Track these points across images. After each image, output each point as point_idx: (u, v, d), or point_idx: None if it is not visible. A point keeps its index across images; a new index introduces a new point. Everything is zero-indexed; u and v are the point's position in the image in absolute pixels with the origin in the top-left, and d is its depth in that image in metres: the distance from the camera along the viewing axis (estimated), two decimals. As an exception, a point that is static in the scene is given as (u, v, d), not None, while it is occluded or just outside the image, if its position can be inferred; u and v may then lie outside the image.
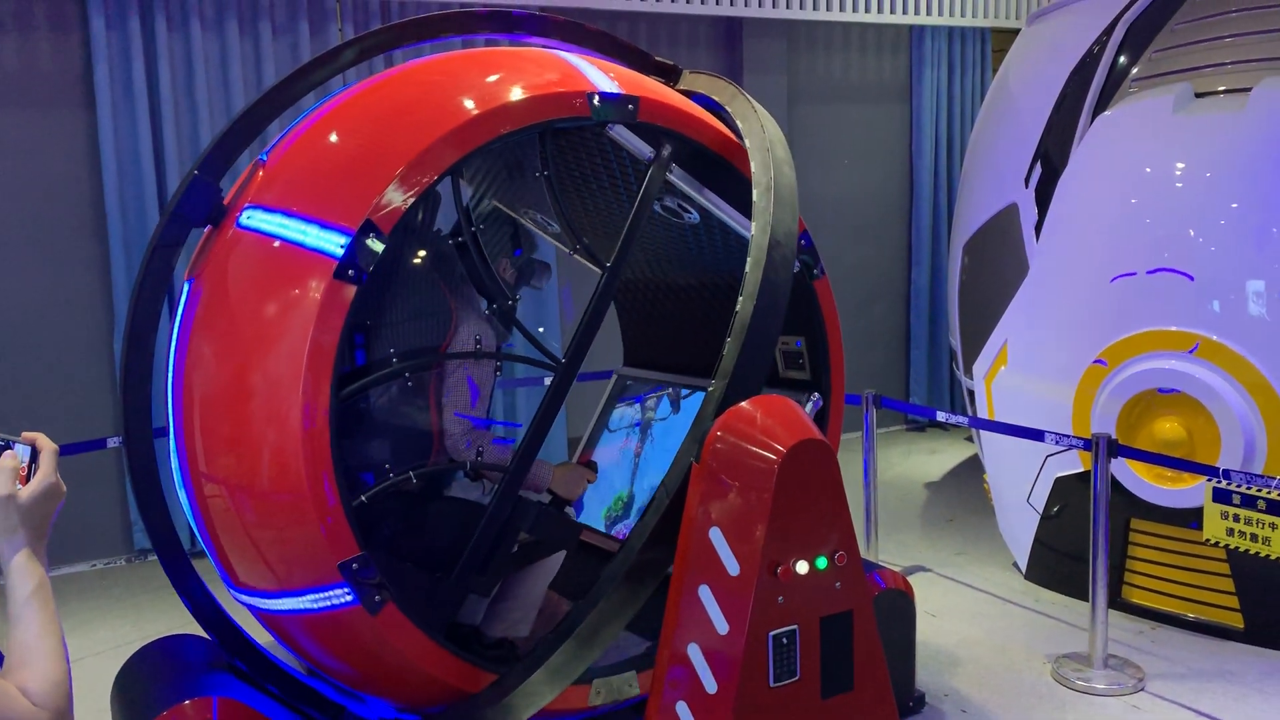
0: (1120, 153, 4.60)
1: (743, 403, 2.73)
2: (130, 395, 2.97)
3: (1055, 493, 4.91)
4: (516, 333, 3.35)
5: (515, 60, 3.19)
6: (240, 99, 5.86)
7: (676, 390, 4.27)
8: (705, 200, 3.41)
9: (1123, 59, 4.78)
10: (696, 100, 3.58)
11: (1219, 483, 3.90)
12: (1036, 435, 4.46)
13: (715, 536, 2.63)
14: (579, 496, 3.64)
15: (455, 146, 2.85)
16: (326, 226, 2.74)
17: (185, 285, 3.07)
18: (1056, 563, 5.02)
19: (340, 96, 3.18)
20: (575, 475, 3.51)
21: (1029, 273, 4.91)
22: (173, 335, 3.03)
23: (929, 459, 7.62)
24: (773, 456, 2.58)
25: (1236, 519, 3.85)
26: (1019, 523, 5.21)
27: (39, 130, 5.63)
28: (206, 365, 2.86)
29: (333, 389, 2.67)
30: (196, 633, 3.31)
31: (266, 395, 2.71)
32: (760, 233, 2.90)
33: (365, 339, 3.11)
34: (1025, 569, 5.22)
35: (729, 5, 7.13)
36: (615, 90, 3.13)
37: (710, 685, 2.61)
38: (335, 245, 2.71)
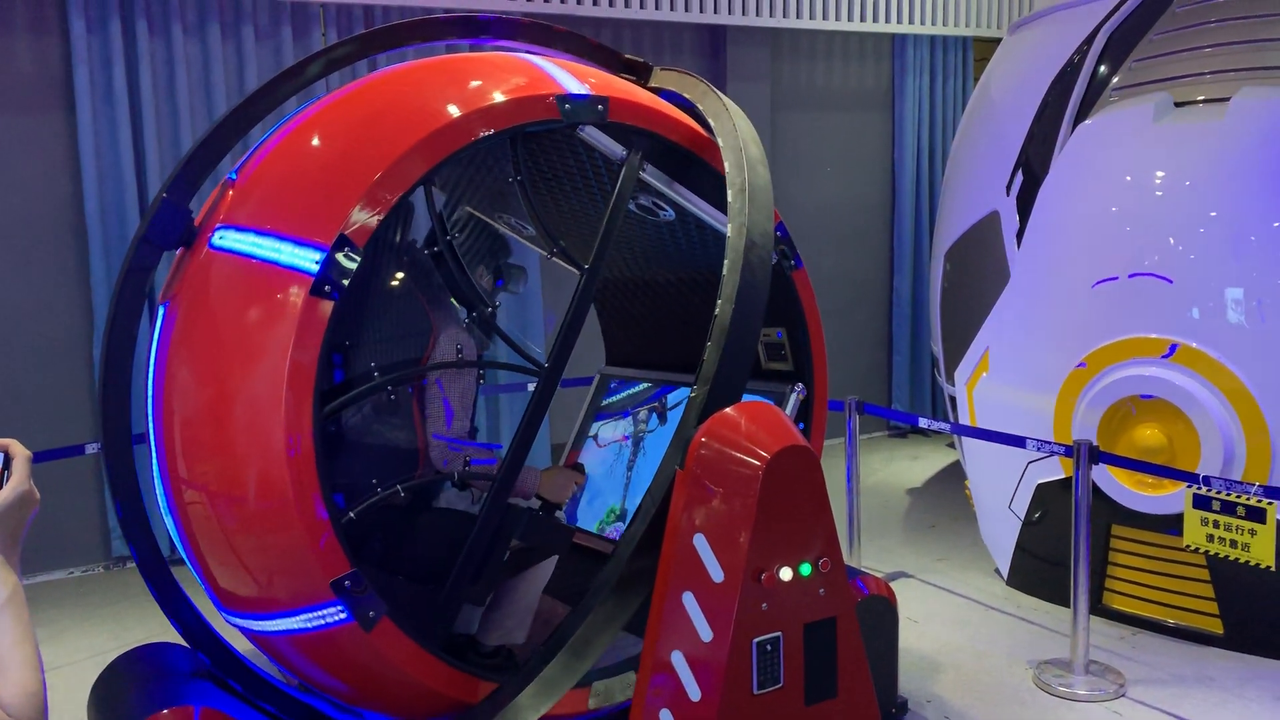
0: (1101, 161, 4.64)
1: (727, 409, 2.72)
2: (110, 440, 2.94)
3: (1036, 499, 4.93)
4: (501, 339, 3.35)
5: (482, 66, 3.17)
6: (222, 103, 5.83)
7: (663, 401, 4.27)
8: (679, 197, 3.40)
9: (1103, 68, 4.82)
10: (668, 97, 3.56)
11: (1199, 489, 3.92)
12: (1018, 442, 4.48)
13: (699, 543, 2.63)
14: (568, 499, 3.63)
15: (426, 156, 2.83)
16: (300, 243, 2.72)
17: (160, 309, 3.03)
18: (1038, 569, 5.04)
19: (307, 111, 3.14)
20: (563, 479, 3.50)
21: (1010, 280, 4.93)
22: (150, 361, 2.99)
23: (911, 465, 7.64)
24: (757, 463, 2.58)
25: (1216, 525, 3.87)
26: (1000, 529, 5.23)
27: (18, 133, 5.58)
28: (186, 389, 2.82)
29: (315, 407, 2.64)
30: (176, 641, 3.28)
31: (248, 417, 2.68)
32: (736, 235, 2.87)
33: (345, 355, 3.07)
34: (1007, 575, 5.24)
35: (713, 13, 7.15)
36: (584, 91, 3.11)
37: (694, 692, 2.60)
38: (310, 262, 2.68)
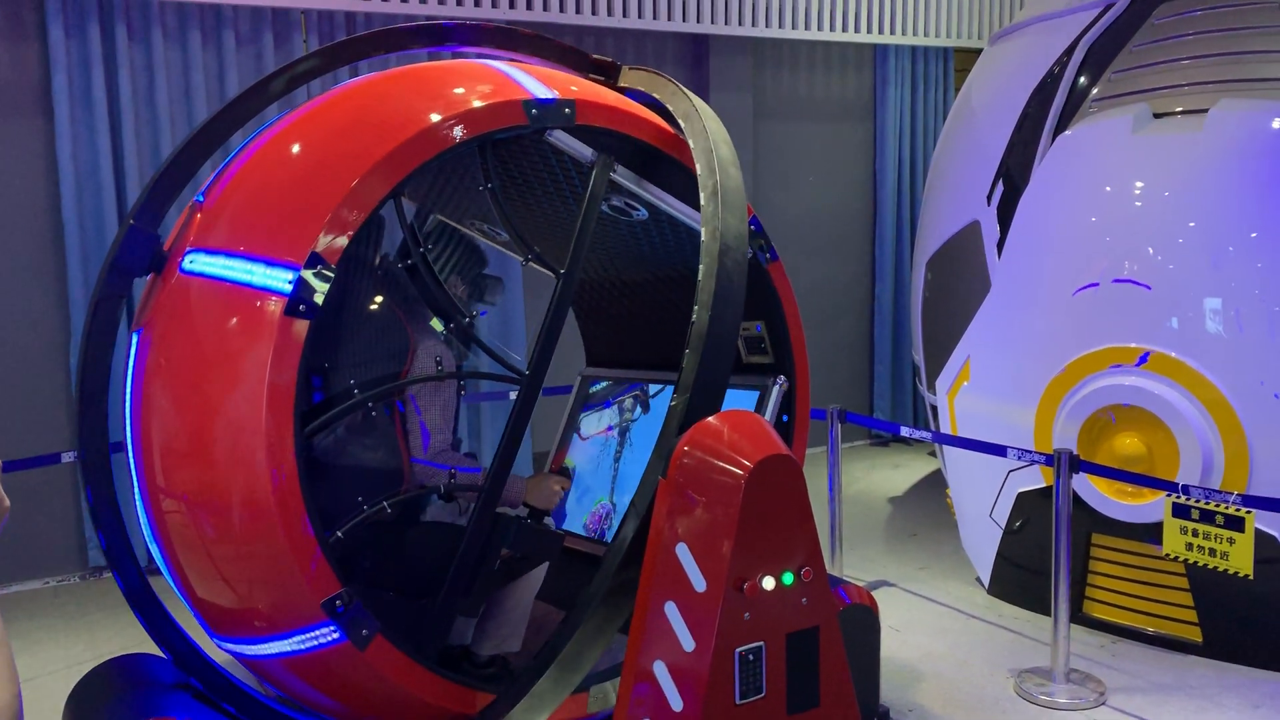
0: (1080, 172, 4.67)
1: (710, 418, 2.72)
2: (91, 474, 2.92)
3: (1017, 508, 4.95)
4: (481, 348, 3.33)
5: (447, 75, 3.15)
6: (203, 110, 5.79)
7: (644, 389, 4.27)
8: (652, 196, 3.39)
9: (1083, 79, 4.85)
10: (637, 97, 3.55)
11: (1178, 498, 3.95)
12: (999, 450, 4.49)
13: (682, 552, 2.62)
14: (555, 505, 3.62)
15: (395, 168, 2.81)
16: (272, 264, 2.69)
17: (133, 337, 2.99)
18: (1019, 577, 5.06)
19: (272, 129, 3.11)
20: (548, 485, 3.48)
21: (991, 290, 4.95)
22: (126, 390, 2.96)
23: (892, 474, 7.66)
24: (739, 472, 2.57)
25: (1195, 534, 3.89)
26: (981, 538, 5.25)
27: (-5, 139, 5.54)
28: (164, 417, 2.79)
29: (296, 429, 2.62)
30: (152, 651, 3.25)
31: (229, 443, 2.65)
32: (710, 239, 2.85)
33: (323, 374, 3.05)
34: (988, 584, 5.25)
35: (695, 22, 7.17)
36: (551, 95, 3.09)
37: (676, 703, 2.59)
38: (283, 282, 2.66)
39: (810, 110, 8.10)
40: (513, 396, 3.13)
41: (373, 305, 3.20)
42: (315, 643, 2.72)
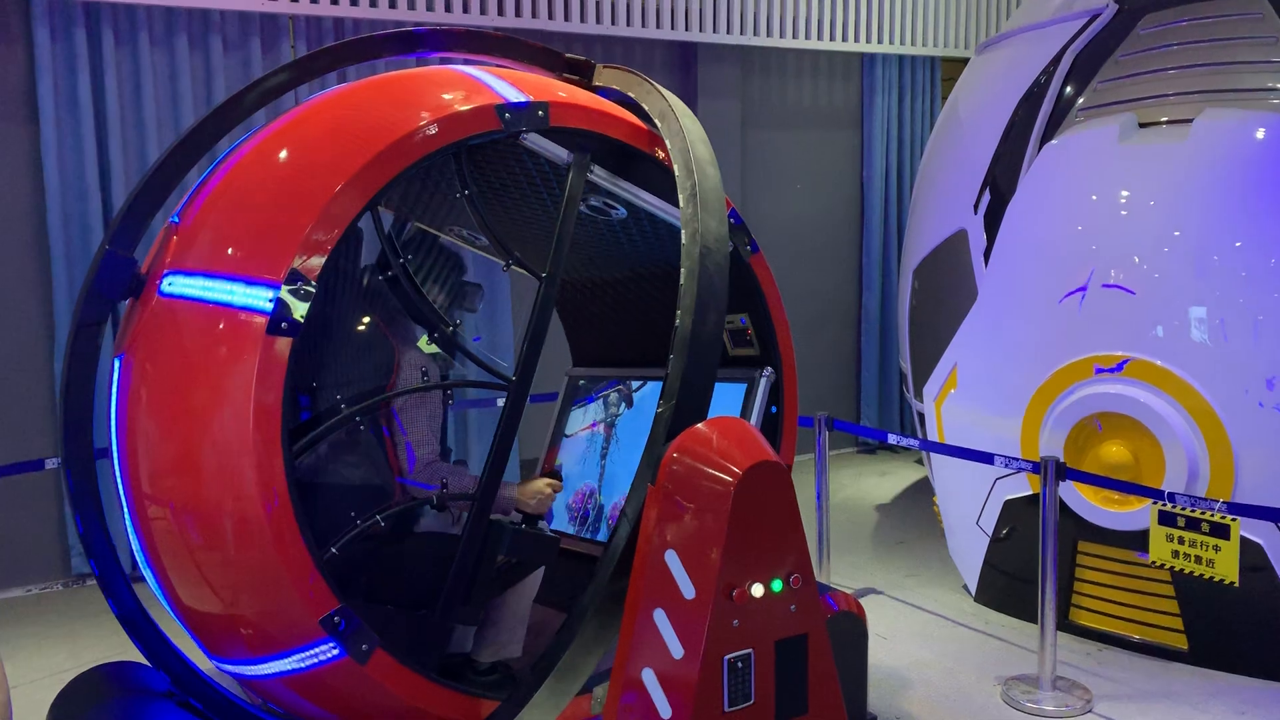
0: (1067, 181, 4.69)
1: (699, 424, 2.71)
2: (81, 503, 2.91)
3: (1004, 515, 4.96)
4: (466, 356, 3.31)
5: (420, 83, 3.13)
6: (190, 114, 5.77)
7: (627, 385, 4.27)
8: (630, 194, 3.37)
9: (1069, 89, 4.88)
10: (613, 96, 3.52)
11: (1164, 505, 3.96)
12: (986, 458, 4.50)
13: (671, 559, 2.61)
14: (548, 508, 3.61)
15: (370, 181, 2.79)
16: (252, 282, 2.68)
17: (115, 363, 2.97)
18: (1005, 585, 5.07)
19: (245, 145, 3.08)
20: (541, 489, 3.47)
21: (978, 298, 4.97)
22: (111, 417, 2.93)
23: (879, 481, 7.67)
24: (729, 479, 2.57)
25: (1181, 541, 3.91)
26: (968, 545, 5.25)
27: (-21, 143, 5.51)
28: (151, 443, 2.78)
29: (284, 448, 2.60)
30: (136, 659, 3.23)
31: (218, 465, 2.64)
32: (690, 242, 2.82)
33: (309, 390, 3.03)
34: (975, 591, 5.26)
35: (684, 30, 7.18)
36: (523, 99, 3.07)
37: (664, 710, 2.58)
38: (263, 300, 2.64)
39: (798, 118, 8.12)
40: (500, 404, 3.12)
41: (355, 319, 3.18)
42: (315, 660, 2.71)
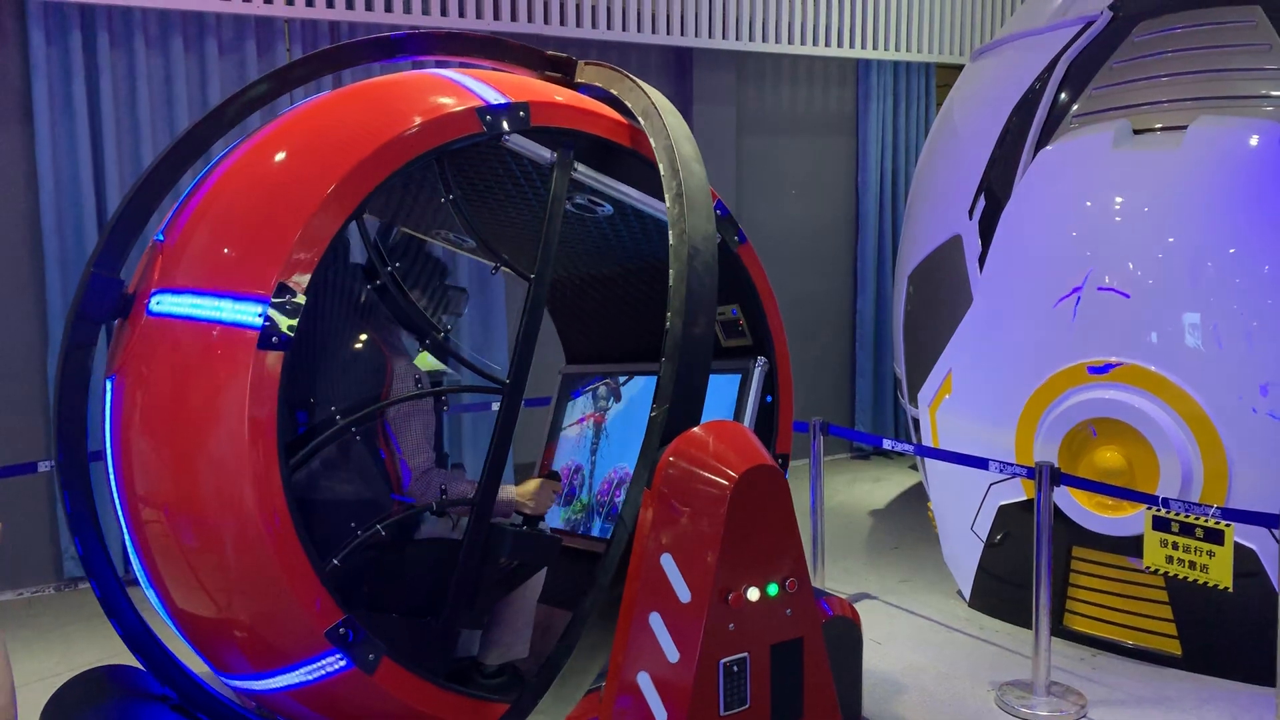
0: (1061, 187, 4.70)
1: (695, 428, 2.71)
2: (79, 525, 2.91)
3: (998, 521, 4.96)
4: (459, 361, 3.30)
5: (399, 89, 3.12)
6: (184, 117, 5.76)
7: (614, 379, 4.26)
8: (615, 191, 3.36)
9: (1064, 95, 4.89)
10: (596, 94, 3.51)
11: (1158, 511, 3.97)
12: (980, 463, 4.51)
13: (667, 563, 2.61)
14: (549, 508, 3.61)
15: (354, 189, 2.78)
16: (239, 298, 2.67)
17: (107, 384, 2.96)
18: (1000, 590, 5.07)
19: (228, 160, 3.08)
20: (541, 491, 3.47)
21: (973, 303, 4.98)
22: (105, 440, 2.92)
23: (874, 487, 7.68)
24: (725, 482, 2.57)
25: (1175, 547, 3.91)
26: (963, 550, 5.26)
27: (-27, 145, 5.49)
28: (146, 464, 2.77)
29: (281, 462, 2.60)
30: (129, 663, 3.22)
31: (216, 482, 2.63)
32: (678, 242, 2.80)
33: (304, 403, 3.02)
34: (969, 596, 5.26)
35: (679, 36, 7.20)
36: (503, 100, 3.06)
37: (660, 714, 2.58)
38: (253, 315, 2.64)
39: (793, 124, 8.14)
40: (495, 407, 3.11)
41: (345, 329, 3.17)
42: (323, 672, 2.71)
